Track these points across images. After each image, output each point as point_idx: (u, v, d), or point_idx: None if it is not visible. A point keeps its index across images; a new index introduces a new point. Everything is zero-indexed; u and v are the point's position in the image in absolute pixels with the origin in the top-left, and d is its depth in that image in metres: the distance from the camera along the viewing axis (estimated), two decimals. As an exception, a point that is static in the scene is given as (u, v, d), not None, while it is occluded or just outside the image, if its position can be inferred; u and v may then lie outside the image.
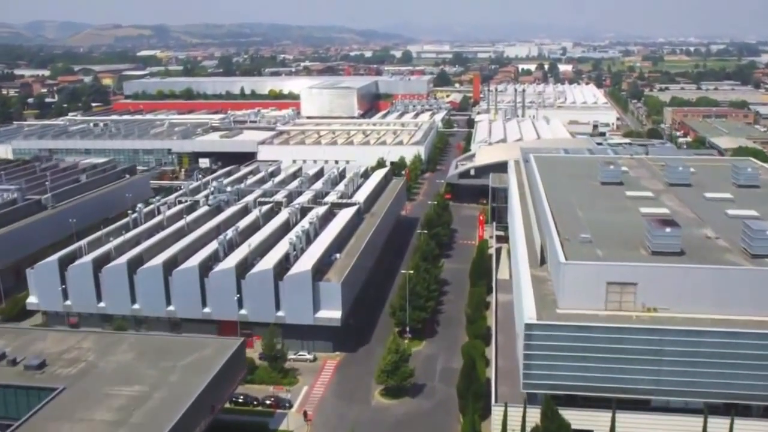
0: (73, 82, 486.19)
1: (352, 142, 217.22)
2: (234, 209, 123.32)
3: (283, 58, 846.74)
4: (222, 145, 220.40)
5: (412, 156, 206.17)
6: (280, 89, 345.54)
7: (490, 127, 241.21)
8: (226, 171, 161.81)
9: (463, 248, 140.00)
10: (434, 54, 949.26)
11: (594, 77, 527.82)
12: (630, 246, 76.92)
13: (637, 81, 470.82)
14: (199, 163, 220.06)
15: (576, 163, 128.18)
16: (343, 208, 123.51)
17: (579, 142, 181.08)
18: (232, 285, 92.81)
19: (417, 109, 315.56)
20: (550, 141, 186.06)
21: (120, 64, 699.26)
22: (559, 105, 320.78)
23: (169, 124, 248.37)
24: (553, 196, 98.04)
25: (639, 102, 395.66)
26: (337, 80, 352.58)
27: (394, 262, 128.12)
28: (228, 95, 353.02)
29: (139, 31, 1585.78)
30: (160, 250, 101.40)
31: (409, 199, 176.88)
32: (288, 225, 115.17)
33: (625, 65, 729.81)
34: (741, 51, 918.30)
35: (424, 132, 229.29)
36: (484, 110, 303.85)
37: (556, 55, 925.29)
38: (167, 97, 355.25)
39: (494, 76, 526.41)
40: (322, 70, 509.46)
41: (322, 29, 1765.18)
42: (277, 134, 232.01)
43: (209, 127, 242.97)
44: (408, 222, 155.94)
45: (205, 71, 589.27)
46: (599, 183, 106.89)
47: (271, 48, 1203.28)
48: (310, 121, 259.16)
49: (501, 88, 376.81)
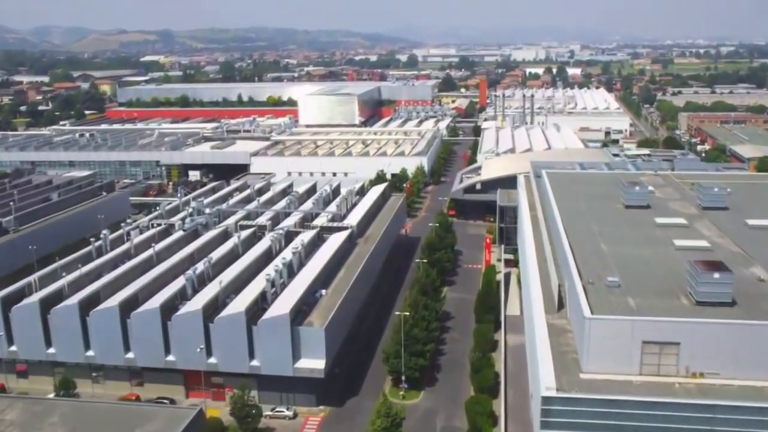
0: (70, 88, 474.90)
1: (351, 153, 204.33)
2: (212, 234, 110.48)
3: (286, 63, 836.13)
4: (213, 157, 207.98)
5: (414, 168, 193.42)
6: (278, 96, 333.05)
7: (498, 136, 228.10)
8: (209, 188, 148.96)
9: (468, 273, 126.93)
10: (440, 58, 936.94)
11: (604, 81, 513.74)
12: (667, 292, 63.69)
13: (649, 85, 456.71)
14: (189, 175, 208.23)
15: (594, 180, 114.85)
16: (333, 232, 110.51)
17: (594, 153, 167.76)
18: (199, 330, 79.91)
19: (421, 115, 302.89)
20: (562, 152, 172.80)
21: (121, 70, 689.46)
22: (569, 111, 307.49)
23: (159, 134, 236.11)
24: (571, 223, 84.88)
25: (651, 107, 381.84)
26: (339, 86, 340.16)
27: (390, 294, 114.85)
28: (225, 102, 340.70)
29: (145, 36, 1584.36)
30: (120, 286, 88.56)
31: (411, 216, 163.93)
32: (270, 254, 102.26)
33: (635, 68, 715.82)
34: (751, 53, 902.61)
35: (428, 141, 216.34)
36: (491, 117, 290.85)
37: (564, 58, 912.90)
38: (162, 105, 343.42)
39: (501, 81, 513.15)
40: (324, 75, 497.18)
41: (329, 33, 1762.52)
42: (271, 144, 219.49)
43: (201, 137, 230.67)
44: (408, 243, 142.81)
45: (207, 77, 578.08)
46: (623, 206, 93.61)
47: (276, 52, 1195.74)
48: (308, 130, 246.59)
49: (508, 94, 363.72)
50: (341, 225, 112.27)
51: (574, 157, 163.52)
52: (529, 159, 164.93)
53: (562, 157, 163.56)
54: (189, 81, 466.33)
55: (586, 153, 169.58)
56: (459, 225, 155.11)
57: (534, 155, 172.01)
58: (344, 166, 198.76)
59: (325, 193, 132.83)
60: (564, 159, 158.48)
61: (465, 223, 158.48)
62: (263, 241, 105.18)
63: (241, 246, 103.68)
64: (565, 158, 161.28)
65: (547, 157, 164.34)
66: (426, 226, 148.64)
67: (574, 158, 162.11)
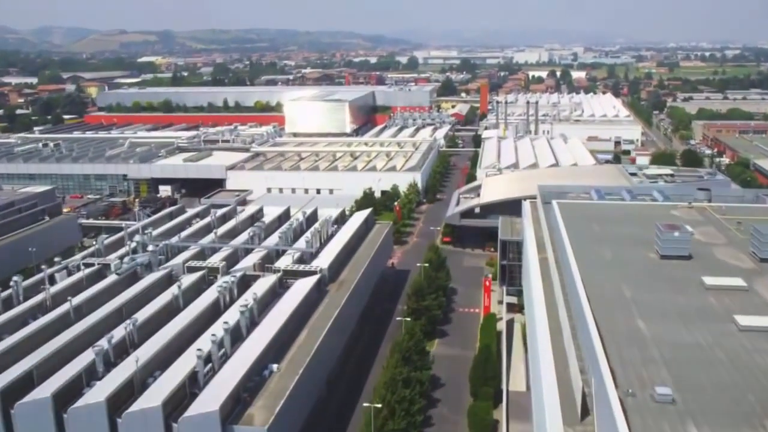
0: (54, 91, 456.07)
1: (337, 167, 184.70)
2: (153, 279, 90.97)
3: (284, 65, 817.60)
4: (185, 171, 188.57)
5: (407, 185, 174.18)
6: (266, 101, 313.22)
7: (499, 147, 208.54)
8: (167, 212, 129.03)
9: (464, 321, 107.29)
10: (441, 60, 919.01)
11: (611, 85, 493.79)
12: (743, 412, 44.09)
13: (658, 90, 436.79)
14: (160, 191, 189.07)
15: (616, 215, 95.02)
16: (299, 277, 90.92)
17: (608, 172, 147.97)
18: (103, 427, 60.40)
19: (417, 123, 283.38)
20: (572, 171, 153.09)
21: (113, 72, 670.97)
22: (575, 118, 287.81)
23: (130, 143, 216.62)
24: (593, 281, 65.21)
25: (662, 113, 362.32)
26: (330, 91, 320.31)
27: (366, 357, 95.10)
28: (210, 107, 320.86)
29: (145, 36, 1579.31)
30: (15, 358, 69.03)
31: (400, 243, 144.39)
32: (218, 308, 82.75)
33: (640, 71, 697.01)
34: (758, 57, 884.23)
35: (423, 154, 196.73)
36: (492, 125, 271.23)
37: (567, 61, 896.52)
38: (145, 110, 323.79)
39: (503, 84, 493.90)
40: (319, 78, 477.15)
41: (330, 34, 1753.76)
42: (251, 156, 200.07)
43: (175, 148, 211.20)
44: (395, 278, 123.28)
45: (200, 79, 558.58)
46: (657, 255, 73.95)
47: (276, 53, 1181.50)
48: (293, 140, 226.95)
49: (511, 99, 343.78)
50: (308, 269, 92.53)
51: (585, 178, 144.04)
52: (534, 177, 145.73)
53: (573, 178, 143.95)
54: (178, 84, 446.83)
55: (599, 172, 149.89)
56: (454, 255, 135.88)
57: (540, 174, 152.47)
58: (329, 182, 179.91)
59: (297, 222, 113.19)
60: (575, 181, 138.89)
61: (462, 252, 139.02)
62: (208, 292, 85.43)
63: (182, 297, 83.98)
64: (575, 179, 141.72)
65: (555, 177, 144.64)
66: (418, 254, 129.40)
67: (586, 179, 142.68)
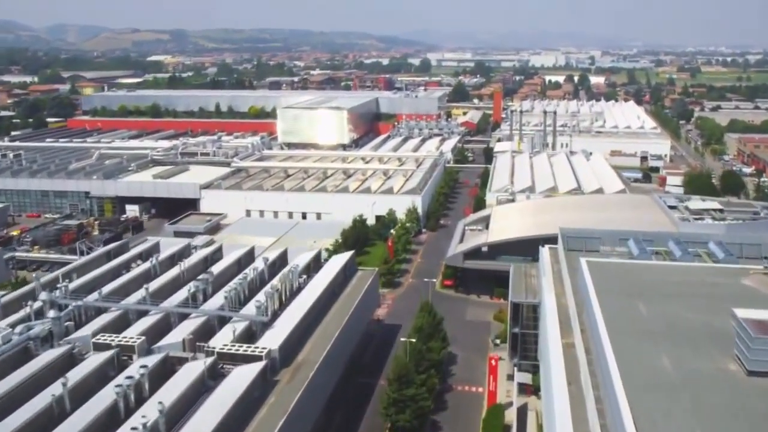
0: (47, 91, 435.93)
1: (326, 187, 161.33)
2: (49, 358, 67.99)
3: (292, 66, 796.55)
4: (154, 189, 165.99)
5: (405, 209, 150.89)
6: (261, 106, 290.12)
7: (513, 164, 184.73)
8: (105, 251, 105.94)
9: (462, 403, 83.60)
10: (455, 62, 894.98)
11: (632, 92, 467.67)
12: None
13: (684, 98, 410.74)
14: (126, 211, 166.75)
15: (667, 285, 70.89)
16: (238, 362, 67.62)
17: (642, 204, 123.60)
18: None
19: (424, 133, 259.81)
20: (600, 202, 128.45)
21: (116, 71, 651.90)
22: (597, 130, 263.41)
23: (100, 155, 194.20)
24: (650, 420, 41.88)
25: (689, 123, 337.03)
26: (330, 96, 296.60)
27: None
28: (201, 112, 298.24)
29: (157, 35, 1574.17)
30: None
31: (392, 285, 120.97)
32: (116, 415, 59.50)
33: (661, 77, 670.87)
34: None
35: (425, 173, 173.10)
36: (506, 136, 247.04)
37: (584, 65, 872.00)
38: (131, 114, 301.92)
39: (519, 90, 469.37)
40: (322, 81, 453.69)
41: (344, 35, 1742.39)
42: (231, 173, 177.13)
43: (149, 161, 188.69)
44: (380, 339, 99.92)
45: (203, 79, 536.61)
46: (743, 370, 50.12)
47: (288, 54, 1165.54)
48: (281, 154, 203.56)
49: (527, 107, 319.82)
50: (252, 350, 68.99)
51: (615, 210, 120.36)
52: (554, 208, 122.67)
53: (600, 210, 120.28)
54: (175, 85, 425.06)
55: (631, 203, 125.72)
56: (456, 303, 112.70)
57: (561, 204, 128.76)
58: (316, 205, 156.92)
59: (256, 273, 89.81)
60: (603, 215, 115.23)
61: (465, 299, 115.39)
62: (106, 391, 62.08)
63: (69, 398, 60.58)
64: (603, 211, 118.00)
65: (579, 209, 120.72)
66: (412, 301, 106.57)
67: (616, 211, 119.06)
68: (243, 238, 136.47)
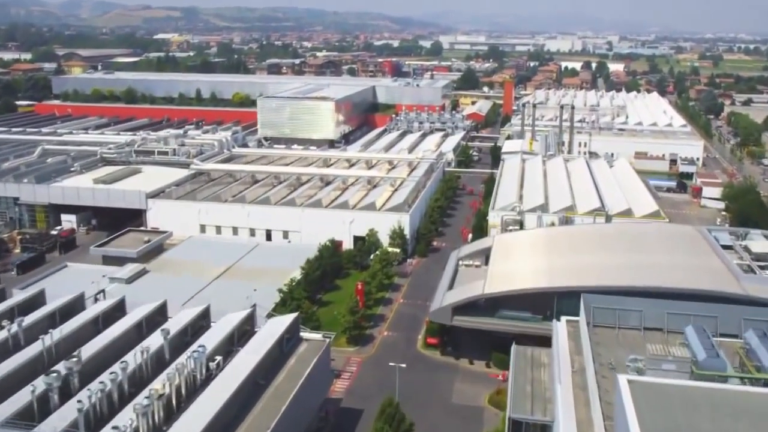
0: (32, 70, 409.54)
1: (294, 200, 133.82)
2: None
3: (300, 46, 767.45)
4: (93, 197, 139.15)
5: (389, 229, 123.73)
6: (247, 93, 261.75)
7: (523, 172, 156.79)
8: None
9: None
10: (468, 46, 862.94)
11: (654, 82, 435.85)
12: None
13: (712, 89, 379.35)
14: (62, 221, 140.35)
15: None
16: None
17: (685, 239, 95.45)
18: None
19: (425, 127, 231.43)
20: (631, 236, 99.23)
21: (115, 49, 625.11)
22: (619, 127, 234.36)
23: (43, 150, 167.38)
24: None
25: (718, 119, 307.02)
26: (321, 84, 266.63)
27: None
28: (181, 98, 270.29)
29: (168, 12, 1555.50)
30: None
31: (359, 342, 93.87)
32: None
33: (682, 64, 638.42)
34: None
35: (417, 183, 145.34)
36: (516, 132, 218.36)
37: (602, 50, 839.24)
38: (105, 99, 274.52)
39: (533, 77, 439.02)
40: (322, 65, 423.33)
41: (358, 15, 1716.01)
42: (191, 176, 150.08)
43: (99, 159, 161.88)
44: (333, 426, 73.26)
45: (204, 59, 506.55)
46: None
47: (299, 33, 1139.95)
48: (252, 153, 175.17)
49: (540, 98, 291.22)
50: None
51: (649, 247, 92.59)
52: (571, 241, 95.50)
53: (631, 246, 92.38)
54: (163, 68, 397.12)
55: (671, 237, 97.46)
56: (442, 372, 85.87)
57: (580, 236, 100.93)
58: (283, 221, 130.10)
59: (148, 354, 62.84)
60: (634, 251, 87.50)
61: (454, 367, 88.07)
62: None
63: None
64: (635, 247, 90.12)
65: (602, 246, 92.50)
66: (384, 369, 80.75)
67: (651, 250, 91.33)
68: (183, 267, 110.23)
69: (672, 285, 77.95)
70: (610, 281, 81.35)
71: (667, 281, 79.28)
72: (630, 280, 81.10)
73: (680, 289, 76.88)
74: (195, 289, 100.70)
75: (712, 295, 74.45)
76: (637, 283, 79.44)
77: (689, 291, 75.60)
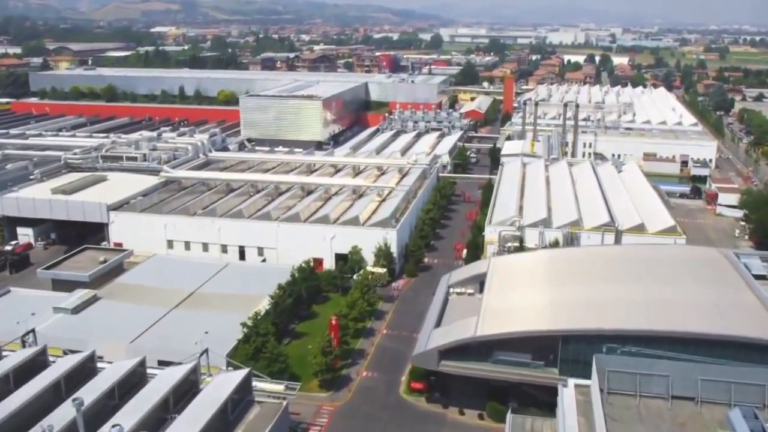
0: (17, 65, 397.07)
1: (270, 213, 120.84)
2: None
3: (298, 39, 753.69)
4: (50, 208, 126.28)
5: (375, 246, 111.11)
6: (232, 91, 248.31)
7: (524, 178, 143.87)
8: None
9: None
10: (469, 38, 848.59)
11: (661, 76, 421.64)
12: None
13: (722, 84, 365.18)
14: (17, 235, 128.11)
15: None
16: None
17: (709, 263, 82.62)
18: None
19: (420, 126, 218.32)
20: (646, 258, 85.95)
21: (107, 43, 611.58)
22: (626, 126, 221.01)
23: (3, 156, 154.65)
24: None
25: (729, 116, 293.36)
26: (310, 81, 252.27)
27: None
28: (164, 96, 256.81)
29: (167, 5, 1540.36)
30: None
31: (332, 386, 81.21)
32: None
33: (688, 57, 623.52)
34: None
35: (407, 193, 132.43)
36: (517, 133, 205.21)
37: (605, 43, 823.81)
38: (85, 97, 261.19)
39: (534, 72, 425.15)
40: (315, 60, 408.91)
41: (359, 8, 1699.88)
42: (161, 184, 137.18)
43: (62, 165, 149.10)
44: None
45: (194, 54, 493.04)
46: None
47: (298, 26, 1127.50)
48: (230, 158, 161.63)
49: (543, 94, 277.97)
50: None
51: (672, 281, 79.82)
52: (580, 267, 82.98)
53: (650, 277, 79.47)
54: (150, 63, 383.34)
55: (697, 268, 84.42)
56: (426, 425, 73.11)
57: (588, 260, 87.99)
58: (258, 237, 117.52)
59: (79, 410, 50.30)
60: (650, 277, 74.54)
61: (441, 418, 75.42)
62: None
63: None
64: (650, 272, 77.16)
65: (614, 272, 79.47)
66: (357, 422, 67.76)
67: (676, 288, 78.65)
68: (140, 293, 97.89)
69: (702, 330, 65.34)
70: (624, 323, 68.84)
71: (696, 325, 66.62)
72: (649, 322, 68.47)
73: (713, 335, 64.42)
74: (149, 320, 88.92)
75: (754, 344, 61.99)
76: (659, 327, 66.90)
77: (725, 338, 63.14)
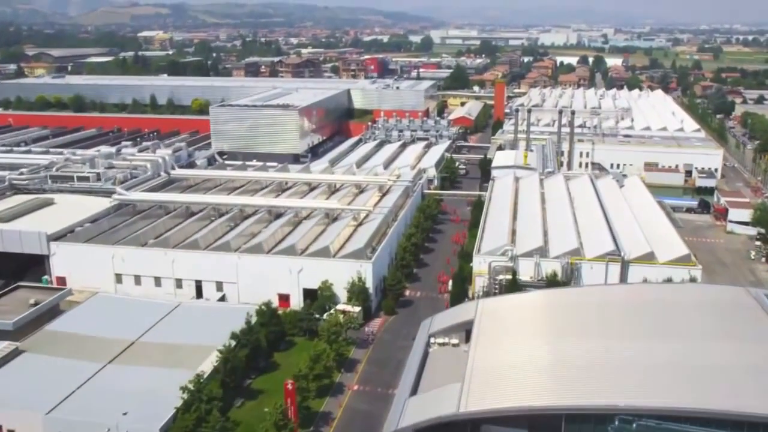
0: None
1: (229, 244, 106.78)
2: None
3: (285, 42, 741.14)
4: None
5: (347, 281, 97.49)
6: (207, 99, 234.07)
7: (516, 196, 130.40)
8: None
9: None
10: (460, 40, 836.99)
11: (657, 78, 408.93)
12: None
13: (721, 86, 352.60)
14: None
15: None
16: None
17: (741, 317, 69.31)
18: None
19: (405, 136, 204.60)
20: (657, 301, 71.97)
21: (89, 48, 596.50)
22: (624, 133, 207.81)
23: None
24: None
25: (730, 120, 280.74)
26: (288, 89, 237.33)
27: None
28: (135, 105, 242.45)
29: (157, 9, 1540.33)
30: None
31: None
32: None
33: (681, 57, 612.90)
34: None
35: (386, 217, 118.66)
36: (509, 141, 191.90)
37: (598, 44, 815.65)
38: (52, 107, 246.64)
39: (527, 75, 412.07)
40: (299, 65, 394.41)
41: (350, 10, 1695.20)
42: (114, 208, 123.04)
43: (7, 187, 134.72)
44: None
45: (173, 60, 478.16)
46: None
47: (289, 30, 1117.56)
48: (194, 176, 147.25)
49: (536, 99, 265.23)
50: None
51: (695, 334, 66.51)
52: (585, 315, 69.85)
53: (667, 328, 65.96)
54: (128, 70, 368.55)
55: (722, 317, 70.93)
56: None
57: (594, 304, 74.26)
58: (215, 270, 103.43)
59: None
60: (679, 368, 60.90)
61: None
62: None
63: None
64: (677, 345, 63.59)
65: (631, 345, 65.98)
66: None
67: (700, 343, 65.19)
68: (72, 344, 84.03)
69: (741, 410, 51.84)
70: (642, 398, 55.25)
71: (732, 401, 53.09)
72: (673, 395, 55.02)
73: (756, 416, 50.94)
74: (76, 381, 75.56)
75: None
76: (687, 405, 53.34)
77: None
